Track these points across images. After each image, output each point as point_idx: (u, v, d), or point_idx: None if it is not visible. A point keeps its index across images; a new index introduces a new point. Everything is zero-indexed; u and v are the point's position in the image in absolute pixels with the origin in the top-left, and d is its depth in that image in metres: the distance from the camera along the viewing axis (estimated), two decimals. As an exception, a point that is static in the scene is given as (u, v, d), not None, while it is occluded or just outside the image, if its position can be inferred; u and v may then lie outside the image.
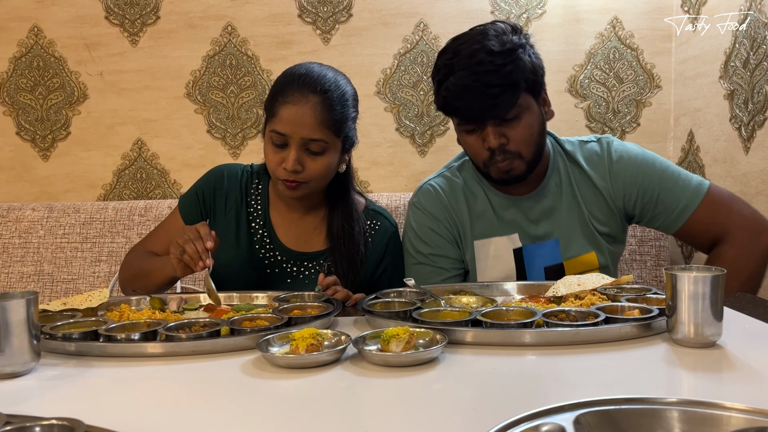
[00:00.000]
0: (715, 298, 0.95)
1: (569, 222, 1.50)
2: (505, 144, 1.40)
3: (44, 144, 2.41)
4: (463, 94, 1.35)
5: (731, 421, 0.62)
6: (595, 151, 1.53)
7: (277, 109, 1.39)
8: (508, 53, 1.34)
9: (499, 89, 1.33)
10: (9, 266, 2.15)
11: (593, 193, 1.51)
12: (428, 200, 1.56)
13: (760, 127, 1.75)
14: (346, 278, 1.47)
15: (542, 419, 0.63)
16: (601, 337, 1.00)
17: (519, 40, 1.38)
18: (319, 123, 1.38)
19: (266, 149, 1.44)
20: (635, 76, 2.31)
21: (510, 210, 1.52)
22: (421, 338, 0.98)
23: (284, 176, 1.41)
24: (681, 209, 1.46)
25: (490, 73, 1.33)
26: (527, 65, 1.37)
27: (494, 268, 1.51)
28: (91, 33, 2.37)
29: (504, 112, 1.36)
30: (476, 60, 1.34)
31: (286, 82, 1.42)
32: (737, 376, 0.86)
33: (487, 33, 1.38)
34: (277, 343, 0.98)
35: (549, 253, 1.50)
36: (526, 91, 1.38)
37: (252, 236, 1.52)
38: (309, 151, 1.40)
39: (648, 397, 0.65)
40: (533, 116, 1.41)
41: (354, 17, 2.33)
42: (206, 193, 1.54)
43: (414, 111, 2.36)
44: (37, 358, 0.93)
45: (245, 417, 0.76)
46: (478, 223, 1.53)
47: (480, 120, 1.38)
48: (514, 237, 1.50)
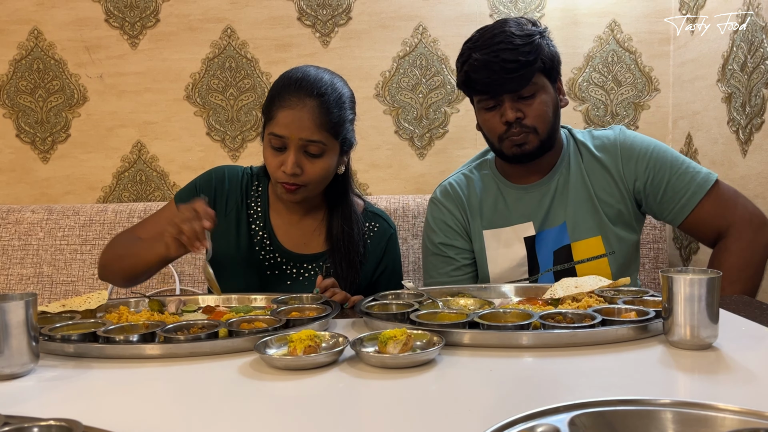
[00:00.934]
0: (711, 300, 0.95)
1: (577, 206, 1.55)
2: (522, 118, 1.48)
3: (44, 146, 2.42)
4: (482, 69, 1.45)
5: (725, 423, 0.62)
6: (606, 136, 1.60)
7: (275, 113, 1.40)
8: (526, 36, 1.46)
9: (516, 65, 1.43)
10: (8, 268, 2.15)
11: (603, 176, 1.56)
12: (445, 195, 1.66)
13: (758, 130, 1.75)
14: (345, 280, 1.48)
15: (537, 420, 0.63)
16: (597, 339, 1.00)
17: (537, 29, 1.50)
18: (317, 125, 1.39)
19: (265, 153, 1.45)
20: (633, 79, 2.32)
21: (523, 200, 1.59)
22: (419, 340, 0.98)
23: (284, 179, 1.41)
24: (689, 197, 1.50)
25: (508, 50, 1.43)
26: (544, 49, 1.47)
27: (505, 256, 1.57)
28: (91, 35, 2.38)
29: (520, 86, 1.45)
30: (497, 40, 1.45)
31: (283, 85, 1.42)
32: (733, 377, 0.87)
33: (508, 21, 1.51)
34: (275, 344, 0.99)
35: (557, 236, 1.55)
36: (542, 72, 1.48)
37: (252, 238, 1.52)
38: (307, 153, 1.41)
39: (642, 398, 0.66)
40: (549, 96, 1.50)
41: (353, 20, 2.34)
42: (206, 192, 1.54)
43: (413, 114, 2.36)
44: (35, 359, 0.93)
45: (243, 418, 0.77)
46: (489, 214, 1.60)
47: (497, 92, 1.47)
48: (528, 225, 1.57)
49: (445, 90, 2.34)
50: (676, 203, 1.51)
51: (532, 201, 1.58)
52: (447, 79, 2.34)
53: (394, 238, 1.62)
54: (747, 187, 1.81)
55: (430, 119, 2.36)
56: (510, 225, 1.58)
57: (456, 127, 2.36)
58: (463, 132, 2.36)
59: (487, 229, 1.60)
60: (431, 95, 2.35)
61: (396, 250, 1.63)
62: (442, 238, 1.63)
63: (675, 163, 1.53)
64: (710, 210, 1.49)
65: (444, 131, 2.36)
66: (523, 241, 1.57)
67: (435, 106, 2.35)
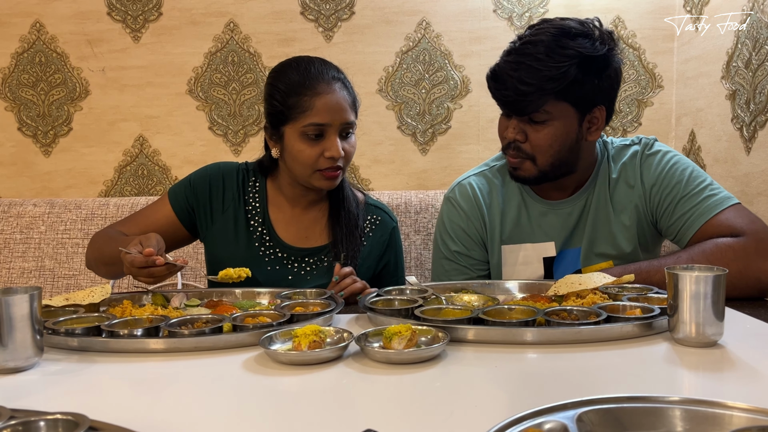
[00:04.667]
0: (717, 297, 0.95)
1: (594, 229, 1.46)
2: (521, 141, 1.38)
3: (46, 140, 2.41)
4: (498, 78, 1.36)
5: (733, 420, 0.62)
6: (634, 152, 1.49)
7: (308, 104, 1.39)
8: (560, 58, 1.30)
9: (529, 88, 1.31)
10: (10, 261, 2.15)
11: (627, 196, 1.45)
12: (463, 197, 1.54)
13: (762, 128, 1.75)
14: (347, 261, 1.48)
15: (545, 417, 0.63)
16: (602, 336, 1.00)
17: (587, 50, 1.31)
18: (350, 105, 1.44)
19: (299, 147, 1.41)
20: (637, 76, 2.31)
21: (548, 217, 1.48)
22: (423, 336, 0.98)
23: (328, 165, 1.41)
24: (694, 219, 1.37)
25: (529, 68, 1.31)
26: (576, 78, 1.31)
27: (522, 275, 1.47)
28: (93, 29, 2.37)
29: (524, 112, 1.35)
30: (527, 51, 1.32)
31: (304, 74, 1.42)
32: (738, 375, 0.87)
33: (565, 29, 1.33)
34: (280, 339, 0.99)
35: (574, 259, 1.47)
36: (568, 101, 1.34)
37: (251, 234, 1.51)
38: (341, 135, 1.43)
39: (650, 395, 0.66)
40: (563, 129, 1.36)
41: (356, 15, 2.33)
42: (201, 189, 1.52)
43: (416, 109, 2.36)
44: (40, 353, 0.93)
45: (247, 413, 0.76)
46: (509, 228, 1.50)
47: (505, 108, 1.39)
48: (549, 245, 1.47)
49: (448, 86, 2.34)
50: (683, 224, 1.39)
51: (557, 219, 1.47)
52: (450, 75, 2.33)
53: (396, 231, 1.62)
54: (750, 185, 1.81)
55: (432, 115, 2.35)
56: (531, 242, 1.48)
57: (459, 122, 2.36)
58: (465, 128, 2.36)
59: (506, 244, 1.49)
60: (434, 91, 2.34)
61: (399, 243, 1.63)
62: (458, 246, 1.52)
63: (691, 182, 1.40)
64: (714, 233, 1.34)
65: (447, 127, 2.36)
66: (542, 261, 1.47)
67: (438, 102, 2.35)
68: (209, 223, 1.52)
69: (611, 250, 1.45)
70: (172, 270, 1.24)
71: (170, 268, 1.24)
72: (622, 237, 1.45)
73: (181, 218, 1.52)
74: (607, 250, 1.45)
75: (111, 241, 1.43)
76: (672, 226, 1.42)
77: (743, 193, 1.83)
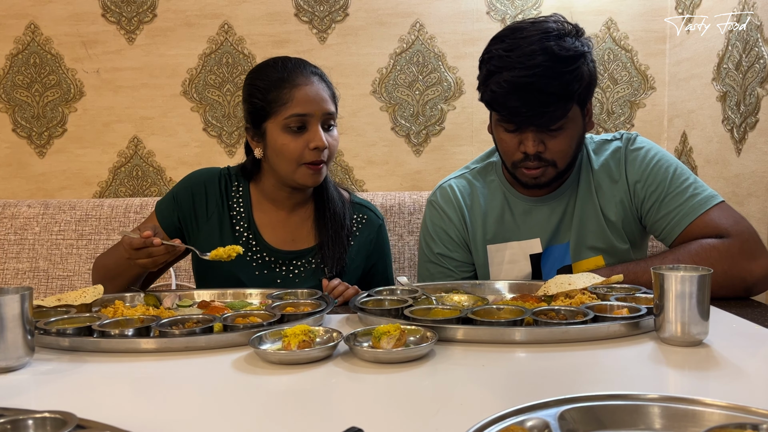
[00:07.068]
0: (702, 297, 0.96)
1: (582, 224, 1.46)
2: (542, 152, 1.35)
3: (40, 141, 2.42)
4: (515, 94, 1.28)
5: (712, 417, 0.63)
6: (616, 147, 1.48)
7: (289, 95, 1.41)
8: (570, 60, 1.27)
9: (554, 98, 1.27)
10: (4, 263, 2.16)
11: (611, 191, 1.45)
12: (444, 200, 1.54)
13: (752, 129, 1.76)
14: (331, 272, 1.48)
15: (527, 414, 0.64)
16: (589, 336, 1.01)
17: (581, 46, 1.31)
18: (330, 97, 1.46)
19: (282, 140, 1.41)
20: (629, 78, 2.33)
21: (532, 214, 1.48)
22: (412, 335, 0.99)
23: (313, 157, 1.41)
24: (680, 218, 1.37)
25: (548, 78, 1.25)
26: (585, 76, 1.31)
27: (509, 273, 1.48)
28: (88, 30, 2.37)
29: (551, 122, 1.31)
30: (536, 61, 1.26)
31: (280, 72, 1.44)
32: (722, 374, 0.88)
33: (549, 33, 1.29)
34: (270, 339, 0.99)
35: (561, 254, 1.48)
36: (577, 102, 1.33)
37: (237, 240, 1.49)
38: (324, 127, 1.44)
39: (630, 393, 0.67)
40: (576, 128, 1.37)
41: (350, 17, 2.34)
42: (184, 200, 1.51)
43: (410, 111, 2.37)
44: (31, 353, 0.94)
45: (237, 412, 0.77)
46: (494, 228, 1.50)
47: (525, 124, 1.33)
48: (535, 242, 1.47)
49: (441, 87, 2.35)
50: (668, 223, 1.39)
51: (541, 215, 1.47)
52: (444, 76, 2.34)
53: (383, 229, 1.62)
54: (740, 186, 1.82)
55: (426, 116, 2.36)
56: (516, 240, 1.48)
57: (452, 124, 2.37)
58: (459, 129, 2.37)
59: (491, 243, 1.49)
60: (428, 92, 2.36)
61: (386, 241, 1.63)
62: (441, 248, 1.52)
63: (676, 180, 1.40)
64: (700, 233, 1.34)
65: (440, 128, 2.37)
66: (529, 258, 1.47)
67: (431, 103, 2.36)
68: (196, 232, 1.51)
69: (601, 244, 1.46)
70: (171, 251, 1.28)
71: (169, 249, 1.27)
72: (610, 231, 1.45)
73: (170, 233, 1.50)
74: (597, 243, 1.46)
75: (111, 252, 1.48)
76: (657, 224, 1.42)
77: (734, 194, 1.84)
